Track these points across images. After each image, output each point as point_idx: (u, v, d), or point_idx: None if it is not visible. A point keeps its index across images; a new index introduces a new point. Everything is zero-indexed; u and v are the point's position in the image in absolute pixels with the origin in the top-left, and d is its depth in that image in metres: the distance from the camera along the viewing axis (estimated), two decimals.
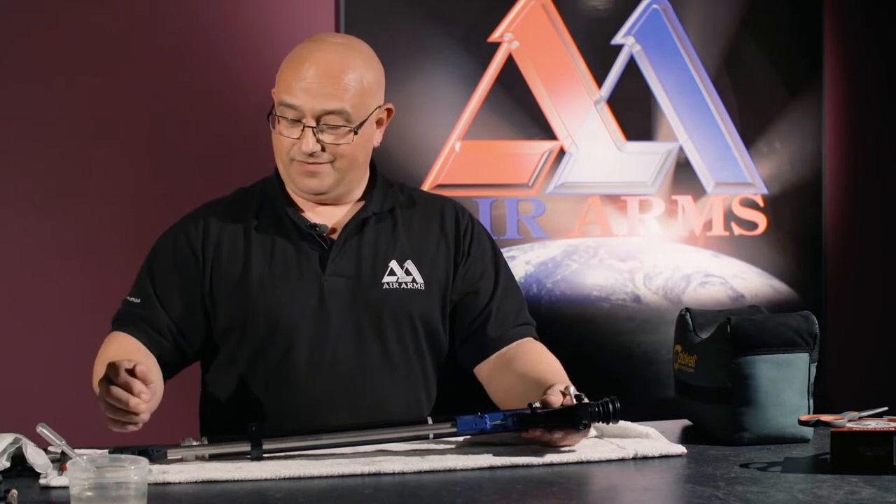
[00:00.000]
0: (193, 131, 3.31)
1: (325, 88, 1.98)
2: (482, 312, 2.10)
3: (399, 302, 2.06)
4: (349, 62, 2.00)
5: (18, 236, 3.20)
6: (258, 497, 1.58)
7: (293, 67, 2.01)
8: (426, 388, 2.12)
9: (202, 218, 2.10)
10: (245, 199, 2.13)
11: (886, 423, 1.75)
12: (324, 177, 2.03)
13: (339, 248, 2.05)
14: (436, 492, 1.59)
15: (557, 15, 3.58)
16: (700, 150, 3.73)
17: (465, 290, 2.11)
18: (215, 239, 2.07)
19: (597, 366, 3.58)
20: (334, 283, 2.04)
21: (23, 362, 3.20)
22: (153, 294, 2.08)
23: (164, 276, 2.08)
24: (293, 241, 2.06)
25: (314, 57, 2.00)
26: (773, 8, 3.77)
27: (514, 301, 2.15)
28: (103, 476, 1.42)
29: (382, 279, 2.06)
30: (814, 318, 1.97)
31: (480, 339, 2.10)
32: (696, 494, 1.58)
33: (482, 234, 2.18)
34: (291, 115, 2.00)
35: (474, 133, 3.51)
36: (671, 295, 3.70)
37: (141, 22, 3.27)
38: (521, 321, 2.13)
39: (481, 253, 2.15)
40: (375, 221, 2.09)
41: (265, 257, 2.05)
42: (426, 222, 2.13)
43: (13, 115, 3.20)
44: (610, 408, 1.78)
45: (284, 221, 2.07)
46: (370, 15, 3.39)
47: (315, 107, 1.98)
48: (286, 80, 2.00)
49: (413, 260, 2.08)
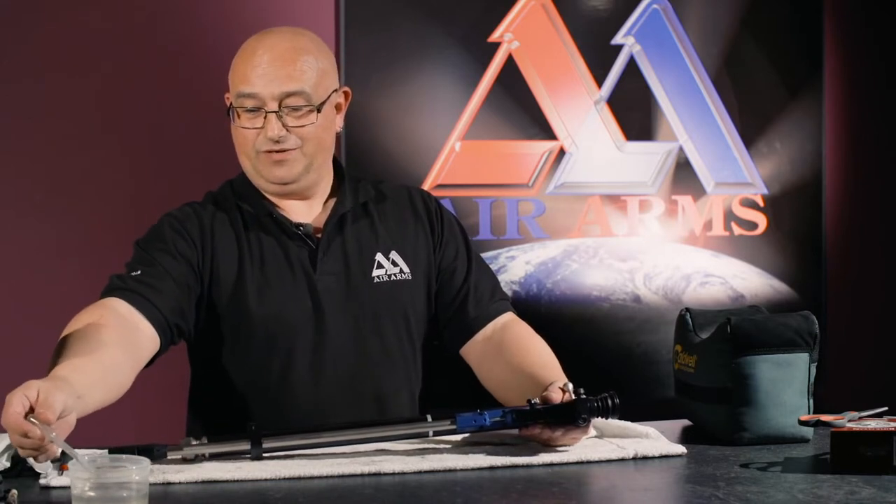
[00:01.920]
0: (193, 131, 3.31)
1: (281, 71, 1.97)
2: (460, 291, 2.10)
3: (391, 294, 2.06)
4: (301, 45, 2.01)
5: (18, 236, 3.21)
6: (258, 497, 1.57)
7: (245, 58, 2.00)
8: (419, 378, 2.11)
9: (194, 215, 2.06)
10: (220, 201, 2.09)
11: (886, 423, 1.75)
12: (293, 164, 2.01)
13: (325, 246, 2.04)
14: (436, 492, 1.59)
15: (557, 15, 3.58)
16: (700, 150, 3.73)
17: (443, 270, 2.12)
18: (210, 238, 2.03)
19: (597, 366, 3.58)
20: (326, 282, 2.03)
21: (23, 362, 3.19)
22: (156, 261, 1.97)
23: (166, 252, 1.99)
24: (280, 241, 2.04)
25: (265, 44, 2.00)
26: (773, 8, 3.78)
27: (489, 277, 2.16)
28: (105, 476, 1.42)
29: (372, 273, 2.05)
30: (814, 318, 1.97)
31: (462, 319, 2.09)
32: (696, 494, 1.58)
33: (449, 214, 2.19)
34: (251, 105, 1.98)
35: (474, 133, 3.51)
36: (671, 295, 3.70)
37: (141, 22, 3.27)
38: (499, 296, 2.13)
39: (452, 233, 2.15)
40: (353, 218, 2.08)
41: (256, 260, 2.02)
42: (399, 212, 2.13)
43: (13, 115, 3.20)
44: (609, 403, 1.77)
45: (266, 222, 2.05)
46: (370, 15, 3.39)
47: (274, 90, 1.97)
48: (241, 72, 1.99)
49: (397, 250, 2.08)
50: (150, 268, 1.97)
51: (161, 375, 2.67)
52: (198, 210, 2.07)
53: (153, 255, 1.99)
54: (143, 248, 2.03)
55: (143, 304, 1.93)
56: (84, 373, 1.69)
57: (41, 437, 1.51)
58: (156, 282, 1.95)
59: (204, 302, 2.01)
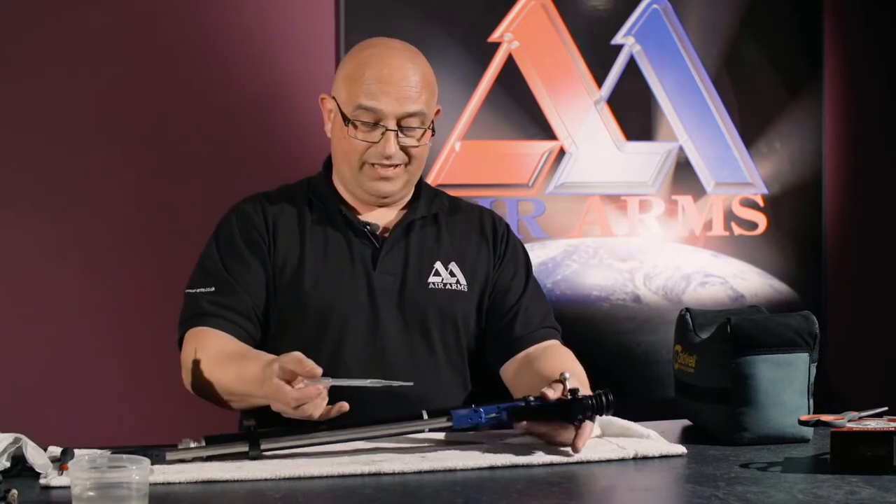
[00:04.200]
0: (194, 131, 3.31)
1: (406, 92, 2.02)
2: (510, 310, 2.14)
3: (444, 302, 2.10)
4: (419, 65, 2.07)
5: (18, 236, 3.21)
6: (258, 497, 1.58)
7: (371, 73, 2.03)
8: (465, 388, 2.14)
9: (259, 205, 2.12)
10: (292, 194, 2.15)
11: (886, 423, 1.75)
12: (397, 180, 2.07)
13: (388, 246, 2.09)
14: (436, 492, 1.60)
15: (557, 15, 3.58)
16: (700, 150, 3.73)
17: (498, 289, 2.16)
18: (273, 227, 2.09)
19: (597, 366, 3.54)
20: (383, 281, 2.07)
21: (23, 362, 3.20)
22: (229, 278, 2.05)
23: (235, 259, 2.07)
24: (346, 237, 2.09)
25: (391, 62, 2.04)
26: (773, 8, 3.78)
27: (542, 304, 2.19)
28: (105, 476, 1.42)
29: (428, 279, 2.10)
30: (814, 318, 1.97)
31: (507, 337, 2.13)
32: (696, 494, 1.58)
33: (516, 240, 2.24)
34: (370, 119, 2.03)
35: (474, 133, 3.52)
36: (671, 295, 3.70)
37: (141, 22, 3.27)
38: (548, 324, 2.17)
39: (514, 257, 2.20)
40: (421, 225, 2.14)
41: (319, 251, 2.08)
42: (467, 228, 2.18)
43: (13, 115, 3.20)
44: (603, 400, 1.78)
45: (335, 219, 2.10)
46: (370, 15, 3.39)
47: (398, 110, 2.02)
48: (365, 86, 2.02)
49: (457, 262, 2.13)
50: (226, 283, 2.05)
51: (161, 376, 2.68)
52: (262, 202, 2.13)
53: (228, 263, 2.07)
54: (219, 254, 2.08)
55: (229, 327, 2.02)
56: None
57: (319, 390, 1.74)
58: (234, 301, 2.03)
59: (271, 288, 2.07)
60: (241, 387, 1.88)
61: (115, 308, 3.24)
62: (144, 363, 3.23)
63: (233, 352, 1.96)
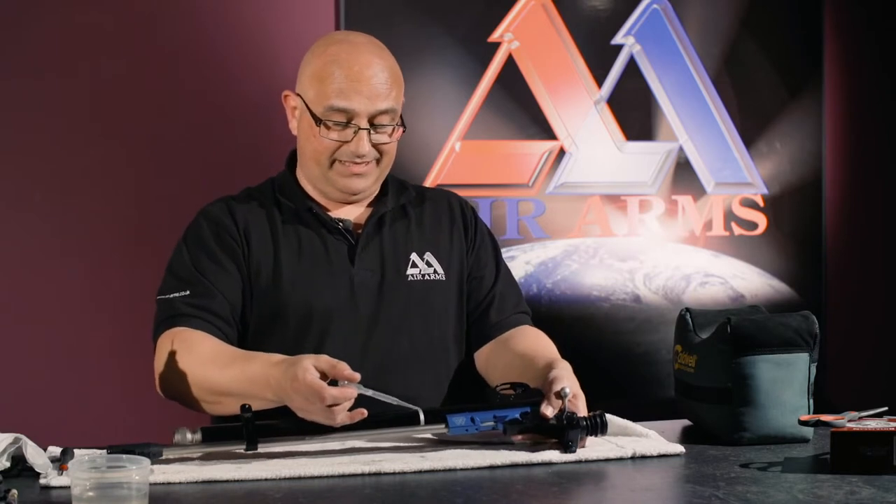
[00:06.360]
0: (194, 130, 3.31)
1: (377, 90, 2.01)
2: (485, 298, 2.16)
3: (424, 293, 2.09)
4: (386, 59, 2.06)
5: (18, 236, 3.21)
6: (258, 497, 1.58)
7: (339, 72, 2.01)
8: (448, 379, 2.13)
9: (227, 208, 2.09)
10: (258, 195, 2.13)
11: (886, 423, 1.75)
12: (368, 176, 2.07)
13: (364, 242, 2.08)
14: (436, 492, 1.60)
15: (557, 15, 3.58)
16: (700, 150, 3.73)
17: (472, 276, 2.17)
18: (245, 230, 2.07)
19: (597, 366, 3.58)
20: (363, 277, 2.06)
21: (23, 362, 3.20)
22: (205, 281, 2.02)
23: (209, 262, 2.04)
24: (319, 235, 2.08)
25: (359, 60, 2.02)
26: (773, 8, 3.78)
27: (514, 289, 2.22)
28: (105, 476, 1.42)
29: (406, 271, 2.10)
30: (814, 318, 1.97)
31: (483, 324, 2.15)
32: (696, 494, 1.58)
33: (483, 225, 2.25)
34: (342, 119, 2.02)
35: (474, 133, 3.52)
36: (671, 295, 3.70)
37: (141, 21, 3.27)
38: (521, 309, 2.19)
39: (484, 242, 2.21)
40: (392, 218, 2.13)
41: (293, 251, 2.06)
42: (437, 215, 2.18)
43: (13, 115, 3.20)
44: (598, 421, 1.81)
45: (306, 217, 2.09)
46: (370, 15, 3.39)
47: (370, 108, 2.01)
48: (335, 85, 2.00)
49: (431, 251, 2.13)
50: (201, 286, 2.01)
51: None
52: (230, 204, 2.11)
53: (201, 266, 2.03)
54: (191, 259, 2.05)
55: (209, 328, 1.98)
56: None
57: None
58: (211, 303, 1.99)
59: (247, 291, 2.05)
60: (242, 387, 1.85)
61: (115, 308, 3.24)
62: (144, 363, 3.21)
63: (231, 352, 1.94)
